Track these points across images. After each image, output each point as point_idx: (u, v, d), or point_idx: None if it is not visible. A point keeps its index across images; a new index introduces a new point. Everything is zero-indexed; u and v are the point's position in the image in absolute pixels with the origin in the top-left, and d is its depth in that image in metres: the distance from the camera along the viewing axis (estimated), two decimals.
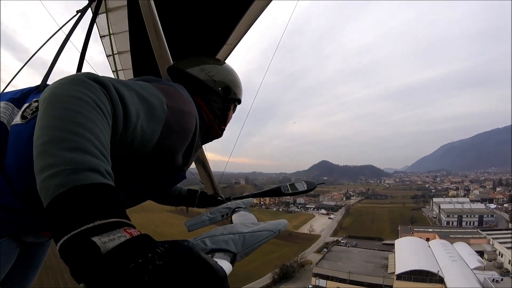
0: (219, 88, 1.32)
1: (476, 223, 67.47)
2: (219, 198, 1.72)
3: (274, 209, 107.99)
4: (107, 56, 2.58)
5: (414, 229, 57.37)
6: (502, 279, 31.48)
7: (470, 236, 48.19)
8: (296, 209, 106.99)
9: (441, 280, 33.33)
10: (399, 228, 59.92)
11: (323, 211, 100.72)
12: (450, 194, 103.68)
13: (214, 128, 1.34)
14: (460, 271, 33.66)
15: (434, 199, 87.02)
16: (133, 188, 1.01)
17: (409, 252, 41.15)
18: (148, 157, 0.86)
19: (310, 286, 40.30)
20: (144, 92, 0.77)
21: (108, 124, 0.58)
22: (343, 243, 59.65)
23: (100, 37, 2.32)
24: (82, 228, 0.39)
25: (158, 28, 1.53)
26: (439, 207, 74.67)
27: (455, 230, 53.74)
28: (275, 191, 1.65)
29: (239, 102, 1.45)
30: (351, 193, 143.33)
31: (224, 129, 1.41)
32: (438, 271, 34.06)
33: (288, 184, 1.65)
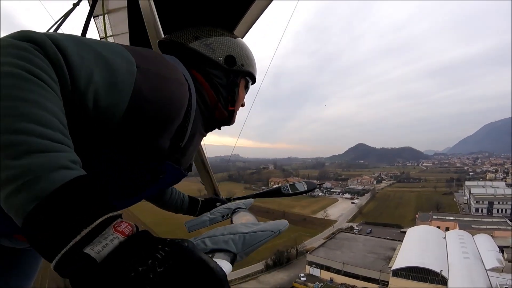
0: (220, 58, 1.02)
1: (508, 211, 58.51)
2: (218, 198, 1.60)
3: None
4: None
5: (434, 217, 50.61)
6: None
7: (496, 227, 40.16)
8: (320, 194, 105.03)
9: (444, 281, 27.69)
10: (417, 215, 54.57)
11: (347, 195, 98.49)
12: (488, 178, 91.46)
13: (219, 108, 1.04)
14: (469, 272, 27.66)
15: (467, 183, 78.84)
16: (103, 184, 0.76)
17: (417, 244, 35.31)
18: (116, 140, 0.68)
19: (301, 275, 37.34)
20: (102, 49, 0.60)
21: (58, 98, 0.47)
22: (356, 229, 56.03)
23: (100, 38, 2.18)
24: (71, 244, 0.36)
25: (159, 29, 1.47)
26: (470, 191, 64.80)
27: (480, 219, 45.60)
28: (275, 192, 1.59)
29: (252, 78, 1.15)
30: (383, 176, 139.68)
31: (233, 111, 1.09)
32: (441, 270, 27.61)
33: (288, 184, 1.61)
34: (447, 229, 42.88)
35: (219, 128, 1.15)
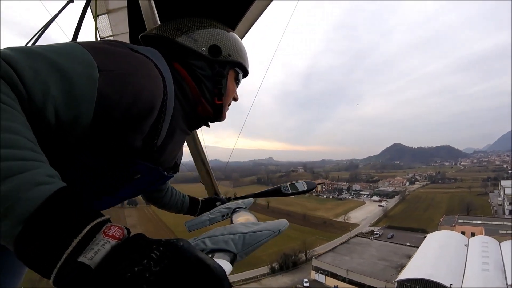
0: (203, 49, 0.94)
1: None
2: (219, 198, 1.61)
3: (325, 196, 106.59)
4: None
5: (459, 221, 47.35)
6: None
7: None
8: (347, 196, 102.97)
9: None
10: (441, 219, 49.90)
11: (375, 198, 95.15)
12: None
13: (202, 103, 0.97)
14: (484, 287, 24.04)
15: (502, 182, 71.72)
16: (80, 186, 0.76)
17: (432, 252, 32.03)
18: (86, 143, 0.65)
19: (305, 280, 36.04)
20: (57, 57, 0.54)
21: (16, 111, 0.45)
22: (377, 234, 53.60)
23: (100, 38, 2.17)
24: (64, 257, 0.36)
25: None
26: (504, 191, 57.82)
27: (511, 223, 40.32)
28: (276, 191, 1.57)
29: (244, 70, 1.07)
30: (417, 177, 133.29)
31: (221, 105, 1.00)
32: (451, 285, 24.51)
33: (288, 184, 1.59)
34: (473, 234, 39.27)
35: (207, 125, 1.07)
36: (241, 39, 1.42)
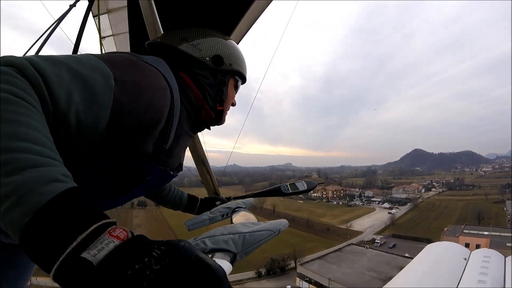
0: (207, 58, 1.01)
1: None
2: (218, 198, 1.61)
3: (335, 202, 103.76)
4: None
5: (465, 231, 44.30)
6: None
7: None
8: (358, 203, 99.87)
9: None
10: (445, 229, 47.90)
11: (386, 205, 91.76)
12: None
13: (206, 109, 1.05)
14: None
15: None
16: (92, 187, 0.81)
17: (426, 265, 28.68)
18: (101, 147, 0.70)
19: (288, 287, 35.19)
20: (79, 66, 0.59)
21: (39, 113, 0.48)
22: (378, 242, 51.52)
23: (100, 38, 2.13)
24: (68, 251, 0.35)
25: (159, 29, 1.47)
26: None
27: None
28: (276, 191, 1.57)
29: (242, 77, 1.15)
30: (434, 184, 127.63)
31: (222, 111, 1.09)
32: None
33: (288, 183, 1.59)
34: (478, 246, 35.87)
35: (209, 128, 1.15)
36: (240, 40, 1.64)
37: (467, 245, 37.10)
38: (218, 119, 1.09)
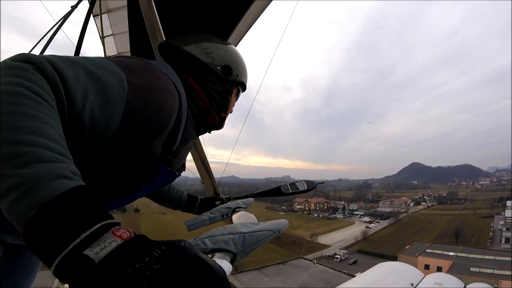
0: (218, 67, 1.07)
1: None
2: (218, 198, 1.62)
3: (316, 215, 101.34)
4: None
5: (427, 250, 38.36)
6: None
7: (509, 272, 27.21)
8: (340, 216, 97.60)
9: None
10: (407, 247, 43.13)
11: (366, 218, 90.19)
12: None
13: (211, 114, 1.10)
14: None
15: (508, 203, 61.27)
16: (102, 186, 0.84)
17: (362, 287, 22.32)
18: (112, 148, 0.73)
19: None
20: (94, 68, 0.62)
21: (56, 113, 0.50)
22: (338, 257, 49.77)
23: (100, 38, 2.24)
24: (70, 246, 0.35)
25: (159, 28, 1.49)
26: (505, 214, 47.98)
27: (493, 258, 31.80)
28: (276, 191, 1.58)
29: (243, 87, 1.23)
30: (426, 197, 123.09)
31: (225, 118, 1.18)
32: None
33: (288, 183, 1.59)
34: (439, 269, 31.58)
35: (209, 132, 1.22)
36: (239, 40, 1.69)
37: (426, 267, 31.93)
38: (220, 124, 1.16)
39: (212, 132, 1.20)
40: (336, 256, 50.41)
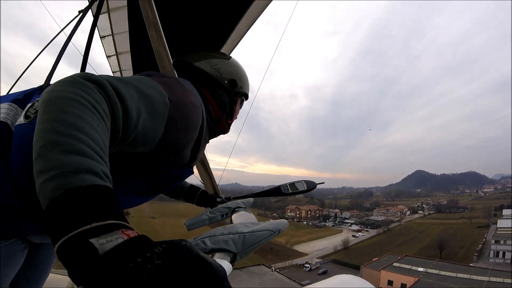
0: (225, 82, 1.25)
1: None
2: (218, 197, 1.66)
3: (305, 222, 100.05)
4: (107, 57, 2.62)
5: (394, 264, 35.53)
6: None
7: None
8: (329, 224, 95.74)
9: None
10: (375, 259, 41.32)
11: (354, 227, 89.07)
12: None
13: (221, 122, 1.27)
14: None
15: (505, 212, 59.89)
16: (138, 185, 0.96)
17: None
18: (152, 154, 0.83)
19: None
20: (143, 87, 0.72)
21: (105, 125, 0.55)
22: (307, 267, 48.45)
23: (100, 38, 2.30)
24: (79, 230, 0.37)
25: (159, 28, 1.52)
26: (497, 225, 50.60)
27: (468, 277, 28.41)
28: (276, 191, 1.61)
29: (246, 97, 1.41)
30: (425, 206, 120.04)
31: (230, 124, 1.36)
32: None
33: (288, 184, 1.61)
34: (403, 286, 29.61)
35: (216, 136, 1.34)
36: (239, 41, 1.74)
37: (390, 283, 27.80)
38: (226, 130, 1.31)
39: (219, 138, 1.35)
40: (305, 265, 49.40)
